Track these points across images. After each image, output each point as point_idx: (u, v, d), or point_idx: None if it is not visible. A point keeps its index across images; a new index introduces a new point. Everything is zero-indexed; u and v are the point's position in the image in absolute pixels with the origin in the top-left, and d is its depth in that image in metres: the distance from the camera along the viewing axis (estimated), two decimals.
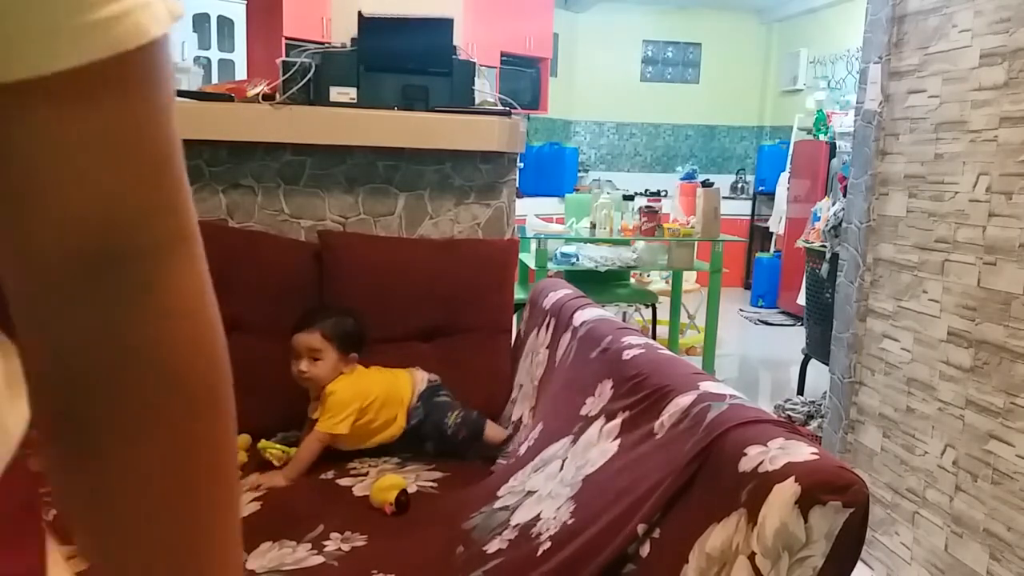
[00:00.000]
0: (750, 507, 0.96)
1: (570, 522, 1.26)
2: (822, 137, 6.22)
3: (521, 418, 1.91)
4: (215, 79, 4.77)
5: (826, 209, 3.83)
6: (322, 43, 2.44)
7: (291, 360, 1.84)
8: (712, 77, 8.24)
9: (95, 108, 0.36)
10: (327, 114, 2.14)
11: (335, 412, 1.79)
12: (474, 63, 2.28)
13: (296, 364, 1.82)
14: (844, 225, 2.60)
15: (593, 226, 4.39)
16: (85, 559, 0.42)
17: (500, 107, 2.35)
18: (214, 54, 4.91)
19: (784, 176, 6.76)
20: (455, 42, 2.24)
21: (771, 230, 6.98)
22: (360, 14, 2.14)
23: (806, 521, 0.90)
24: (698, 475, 1.09)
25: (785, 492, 0.92)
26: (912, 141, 2.30)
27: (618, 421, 1.36)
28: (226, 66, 4.96)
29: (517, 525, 1.38)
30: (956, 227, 2.11)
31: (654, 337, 4.36)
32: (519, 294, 2.35)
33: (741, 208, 7.64)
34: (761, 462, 0.98)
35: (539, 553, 1.25)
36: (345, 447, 1.84)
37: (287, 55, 2.87)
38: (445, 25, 2.20)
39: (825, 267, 3.67)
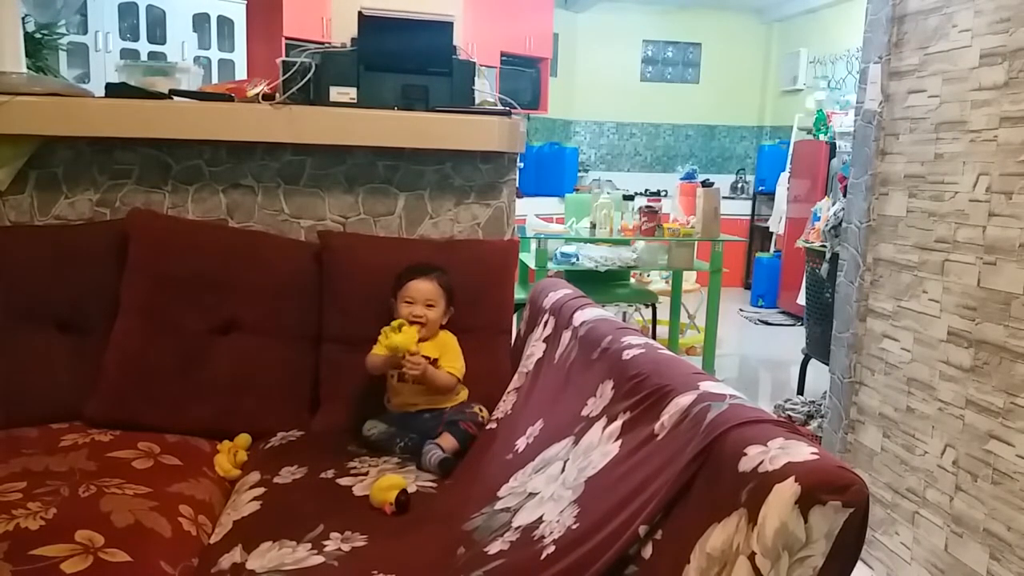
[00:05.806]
0: (750, 507, 0.96)
1: (575, 526, 1.26)
2: (822, 137, 6.22)
3: (511, 407, 1.90)
4: (215, 79, 4.77)
5: (826, 209, 3.83)
6: (322, 43, 2.43)
7: (397, 306, 1.94)
8: (712, 77, 8.24)
9: None
10: (327, 114, 2.14)
11: (457, 355, 1.94)
12: (474, 63, 2.28)
13: (410, 308, 1.92)
14: (844, 225, 2.60)
15: (593, 226, 4.39)
16: None
17: (500, 107, 2.35)
18: (214, 54, 4.91)
19: (784, 176, 6.76)
20: (455, 42, 2.24)
21: (771, 230, 6.99)
22: (360, 13, 2.14)
23: (806, 521, 0.90)
24: (698, 475, 1.09)
25: (785, 492, 0.92)
26: (912, 141, 2.30)
27: (619, 423, 1.36)
28: (226, 66, 4.97)
29: (519, 527, 1.38)
30: (956, 227, 2.11)
31: (654, 337, 4.36)
32: (519, 294, 2.35)
33: (741, 208, 7.65)
34: (761, 462, 0.98)
35: (542, 557, 1.25)
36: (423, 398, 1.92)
37: (287, 55, 2.87)
38: (445, 25, 2.20)
39: (825, 267, 3.67)
